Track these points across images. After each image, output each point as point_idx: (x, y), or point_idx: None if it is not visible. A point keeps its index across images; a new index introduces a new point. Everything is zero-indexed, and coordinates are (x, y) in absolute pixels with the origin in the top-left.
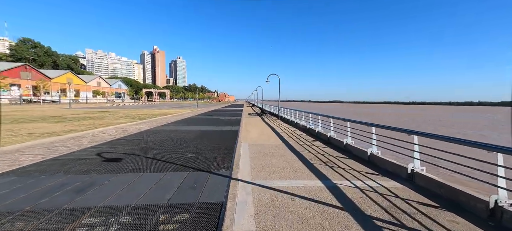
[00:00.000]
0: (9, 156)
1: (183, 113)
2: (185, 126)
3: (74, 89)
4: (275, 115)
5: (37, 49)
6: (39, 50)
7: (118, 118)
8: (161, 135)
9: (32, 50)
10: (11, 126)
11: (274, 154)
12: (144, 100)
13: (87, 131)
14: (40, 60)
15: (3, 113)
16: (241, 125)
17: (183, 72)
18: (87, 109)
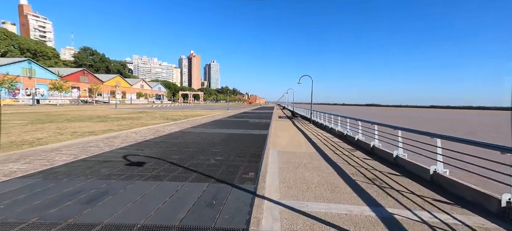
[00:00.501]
0: (47, 155)
1: (213, 115)
2: (213, 129)
3: (121, 91)
4: (307, 119)
5: (94, 56)
6: (96, 57)
7: (153, 119)
8: (189, 137)
9: (90, 57)
10: (60, 125)
11: (307, 165)
12: (180, 101)
13: (122, 132)
14: (96, 65)
15: (62, 112)
16: (270, 129)
17: (216, 75)
18: (129, 110)
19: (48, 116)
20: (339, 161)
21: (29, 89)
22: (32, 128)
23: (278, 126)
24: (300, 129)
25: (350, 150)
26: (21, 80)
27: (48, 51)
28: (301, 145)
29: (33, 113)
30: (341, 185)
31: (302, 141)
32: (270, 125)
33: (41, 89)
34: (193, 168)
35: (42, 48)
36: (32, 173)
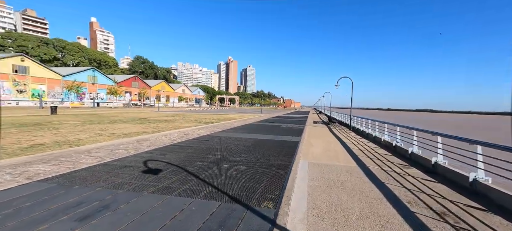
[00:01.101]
0: (77, 157)
1: (246, 118)
2: (242, 133)
3: (166, 95)
4: (346, 125)
5: (144, 64)
6: (146, 65)
7: (187, 122)
8: (215, 142)
9: (141, 65)
10: (104, 126)
11: (345, 184)
12: (216, 105)
13: (154, 134)
14: (146, 72)
15: (113, 113)
16: (303, 136)
17: (252, 79)
18: (169, 113)
19: (99, 118)
20: (388, 181)
21: (92, 94)
22: (80, 128)
23: (312, 133)
24: (337, 136)
25: (402, 166)
26: (86, 86)
27: (109, 60)
28: (338, 156)
29: (89, 114)
30: (394, 219)
31: (340, 151)
32: (304, 131)
33: (101, 93)
34: (208, 180)
35: (105, 58)
36: (52, 176)
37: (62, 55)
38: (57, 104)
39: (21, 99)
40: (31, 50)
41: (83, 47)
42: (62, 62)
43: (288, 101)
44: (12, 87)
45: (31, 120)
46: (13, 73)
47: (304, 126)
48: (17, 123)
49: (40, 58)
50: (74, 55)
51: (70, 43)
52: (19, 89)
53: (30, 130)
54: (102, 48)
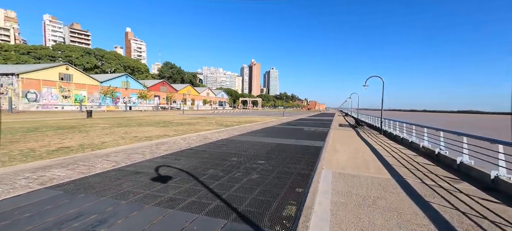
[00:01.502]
0: (94, 161)
1: (267, 121)
2: (261, 137)
3: (191, 98)
4: (376, 129)
5: (172, 69)
6: (174, 70)
7: (207, 125)
8: (232, 147)
9: (170, 70)
10: (129, 129)
11: (378, 201)
12: (240, 107)
13: (173, 138)
14: (174, 77)
15: (141, 117)
16: (327, 140)
17: (275, 81)
18: (193, 116)
19: (127, 121)
20: (434, 199)
21: (125, 98)
22: (108, 131)
23: (338, 136)
24: (366, 141)
25: (450, 179)
26: (120, 90)
27: (142, 67)
28: (367, 165)
29: (120, 117)
30: None
31: (369, 158)
32: (328, 134)
33: (133, 97)
34: (218, 191)
35: (138, 64)
36: (64, 182)
37: (101, 63)
38: (95, 108)
39: (65, 104)
40: (76, 59)
41: (119, 55)
42: (101, 70)
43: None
44: (59, 93)
45: (68, 123)
46: (59, 80)
47: (329, 129)
48: (56, 126)
49: (83, 67)
50: (111, 63)
51: (108, 52)
52: (64, 95)
53: (64, 133)
54: (135, 56)
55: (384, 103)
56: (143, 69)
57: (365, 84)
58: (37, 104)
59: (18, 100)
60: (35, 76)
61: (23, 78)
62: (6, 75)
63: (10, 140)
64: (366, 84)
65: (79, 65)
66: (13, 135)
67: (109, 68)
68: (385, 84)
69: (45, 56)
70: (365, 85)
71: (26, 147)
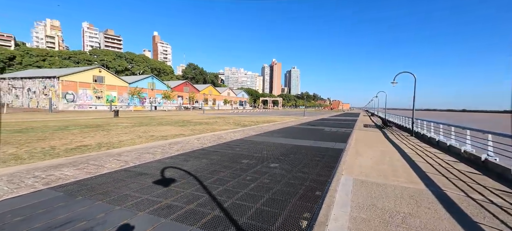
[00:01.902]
0: (104, 161)
1: (286, 121)
2: (278, 138)
3: (212, 98)
4: (406, 130)
5: (195, 70)
6: (196, 71)
7: (225, 124)
8: (246, 147)
9: (193, 71)
10: (148, 128)
11: (409, 220)
12: (260, 107)
13: (188, 137)
14: (196, 78)
15: (163, 116)
16: (349, 142)
17: (296, 81)
18: (212, 115)
19: (149, 120)
20: (484, 219)
21: (151, 98)
22: (128, 130)
23: (362, 138)
24: (394, 143)
25: (504, 193)
26: (146, 91)
27: (167, 68)
28: (396, 172)
29: (143, 117)
30: None
31: (398, 164)
32: (350, 136)
33: (158, 98)
34: (221, 199)
35: (164, 66)
36: (69, 182)
37: (131, 66)
38: (124, 108)
39: (98, 104)
40: (109, 62)
41: (147, 58)
42: (131, 72)
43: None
44: (92, 94)
45: (95, 122)
46: (93, 82)
47: (352, 130)
48: (84, 125)
49: (115, 69)
50: (140, 65)
51: (137, 55)
52: (97, 96)
53: (88, 131)
54: (161, 58)
55: (416, 102)
56: (168, 71)
57: (393, 81)
58: (74, 104)
59: (59, 100)
60: (73, 78)
61: (62, 81)
62: (49, 78)
63: (38, 138)
64: (395, 81)
65: (111, 68)
66: (43, 133)
67: (138, 70)
68: (418, 81)
69: (83, 60)
70: (393, 82)
71: (49, 145)
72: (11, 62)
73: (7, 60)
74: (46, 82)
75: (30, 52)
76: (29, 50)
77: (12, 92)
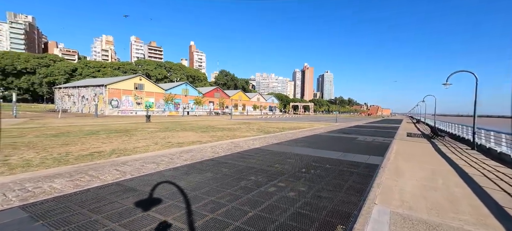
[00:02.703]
0: (104, 171)
1: (315, 127)
2: (301, 147)
3: (242, 104)
4: (465, 141)
5: (227, 76)
6: (228, 77)
7: (247, 131)
8: (261, 159)
9: (225, 77)
10: (169, 134)
11: None
12: (290, 113)
13: (204, 144)
14: (228, 84)
15: (191, 121)
16: (387, 155)
17: (329, 85)
18: (239, 121)
19: (176, 125)
20: None
21: (184, 104)
22: (149, 135)
23: (404, 150)
24: (449, 159)
25: None
26: (180, 97)
27: (201, 75)
28: (455, 204)
29: (172, 122)
30: None
31: (458, 191)
32: (390, 147)
33: (190, 104)
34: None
35: (198, 74)
36: (46, 199)
37: (169, 74)
38: (160, 113)
39: (138, 109)
40: (150, 71)
41: (183, 66)
42: (169, 79)
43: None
44: (133, 100)
45: (125, 127)
46: (134, 89)
47: (392, 140)
48: (114, 129)
49: (156, 78)
50: (177, 73)
51: (175, 64)
52: (137, 102)
53: (113, 136)
54: (197, 66)
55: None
56: (202, 78)
57: (446, 83)
58: (118, 109)
59: (105, 106)
60: (117, 86)
61: (109, 88)
62: (98, 86)
63: (63, 143)
64: (448, 82)
65: (153, 76)
66: (72, 138)
67: (175, 78)
68: (479, 82)
69: (129, 70)
70: (446, 84)
71: (67, 150)
72: (74, 73)
73: (71, 72)
74: (96, 90)
75: (88, 65)
76: (87, 62)
77: (70, 99)
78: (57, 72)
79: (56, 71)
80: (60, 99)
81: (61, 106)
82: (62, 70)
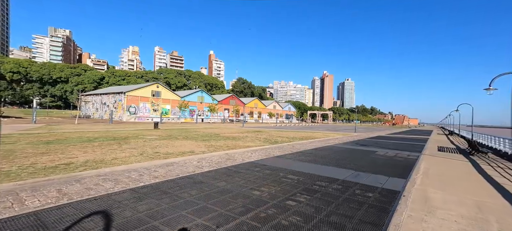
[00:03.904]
0: (44, 191)
1: (330, 138)
2: (304, 163)
3: (258, 111)
4: None
5: (244, 84)
6: (245, 85)
7: (253, 140)
8: (247, 178)
9: (241, 85)
10: (166, 142)
11: None
12: (308, 121)
13: (191, 157)
14: (245, 91)
15: (200, 128)
16: (412, 177)
17: (350, 93)
18: (250, 128)
19: (181, 132)
20: None
21: (200, 111)
22: (144, 144)
23: (435, 171)
24: (500, 187)
25: None
26: (196, 104)
27: (219, 83)
28: None
29: (179, 129)
30: None
31: None
32: (416, 165)
33: (206, 111)
34: None
35: (216, 81)
36: None
37: (189, 82)
38: (176, 120)
39: (155, 116)
40: (171, 79)
41: (202, 74)
42: (188, 87)
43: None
44: (150, 107)
45: (127, 134)
46: (151, 96)
47: (419, 155)
48: (112, 137)
49: (176, 85)
50: (195, 81)
51: (194, 72)
52: (154, 108)
53: (104, 144)
54: (215, 74)
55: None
56: (220, 85)
57: (489, 88)
58: (136, 116)
59: (123, 113)
60: (135, 93)
61: (128, 96)
62: (118, 93)
63: (42, 152)
64: (491, 87)
65: (173, 84)
66: (62, 145)
67: (194, 85)
68: None
69: (151, 78)
70: (489, 88)
71: (35, 161)
72: (101, 82)
73: (99, 80)
74: (116, 97)
75: (114, 73)
76: (114, 71)
77: (93, 106)
78: (86, 80)
79: (86, 80)
80: (84, 105)
81: (84, 112)
82: (91, 79)
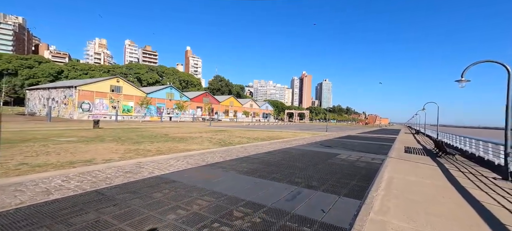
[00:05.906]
0: None
1: (297, 138)
2: (240, 175)
3: (234, 110)
4: (484, 163)
5: (221, 82)
6: (222, 83)
7: (202, 142)
8: (126, 205)
9: (219, 83)
10: (79, 146)
11: None
12: (285, 120)
13: (72, 169)
14: (222, 89)
15: (156, 128)
16: (370, 195)
17: (328, 93)
18: (215, 128)
19: (123, 132)
20: None
21: (168, 109)
22: (48, 148)
23: (400, 182)
24: (474, 200)
25: None
26: (164, 101)
27: (195, 80)
28: None
29: (126, 129)
30: None
31: None
32: (379, 172)
33: (175, 108)
34: None
35: (192, 79)
36: None
37: (162, 78)
38: (140, 118)
39: (114, 114)
40: (142, 75)
41: (176, 70)
42: (161, 84)
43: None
44: (109, 104)
45: (49, 134)
46: (110, 92)
47: (385, 158)
48: (26, 138)
49: (147, 82)
50: (169, 77)
51: (168, 68)
52: (113, 105)
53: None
54: (192, 71)
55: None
56: (196, 83)
57: (461, 79)
58: (89, 113)
59: (74, 110)
60: (90, 88)
61: (80, 90)
62: (68, 88)
63: None
64: (463, 79)
65: (144, 80)
66: None
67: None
68: None
69: (119, 73)
70: (461, 80)
71: None
72: (59, 76)
73: (56, 74)
74: (66, 92)
75: (75, 67)
76: (75, 64)
77: (40, 102)
78: (40, 74)
79: (40, 73)
80: (28, 102)
81: (31, 109)
82: (46, 72)
